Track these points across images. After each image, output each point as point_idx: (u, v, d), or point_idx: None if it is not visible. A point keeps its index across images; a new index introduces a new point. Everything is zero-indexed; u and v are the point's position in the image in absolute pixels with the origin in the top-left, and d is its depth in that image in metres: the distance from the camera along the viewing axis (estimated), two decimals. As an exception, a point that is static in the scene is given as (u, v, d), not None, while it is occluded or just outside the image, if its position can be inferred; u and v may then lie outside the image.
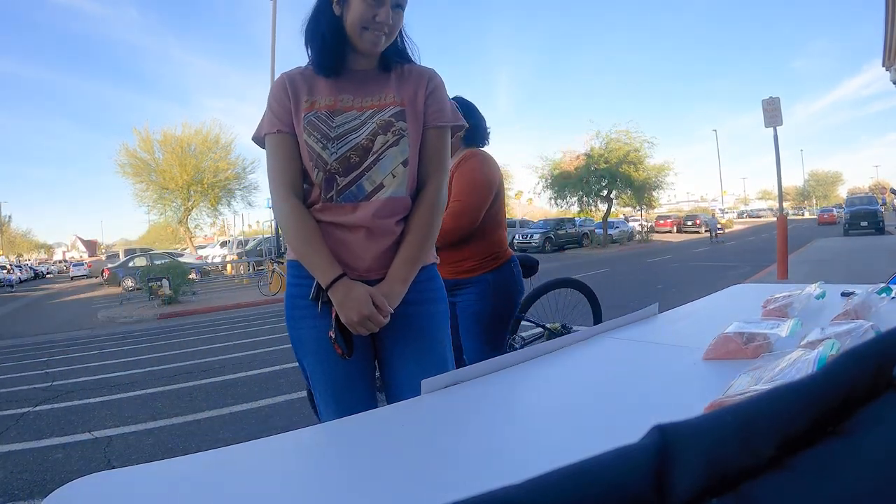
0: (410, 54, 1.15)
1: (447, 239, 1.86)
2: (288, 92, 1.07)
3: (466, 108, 1.95)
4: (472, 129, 1.94)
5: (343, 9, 1.04)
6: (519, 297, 2.00)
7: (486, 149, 1.97)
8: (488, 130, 2.04)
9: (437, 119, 1.11)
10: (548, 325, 2.73)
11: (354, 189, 1.05)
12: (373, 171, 1.05)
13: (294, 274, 1.10)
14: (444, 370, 0.84)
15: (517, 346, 2.56)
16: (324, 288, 1.01)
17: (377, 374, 1.16)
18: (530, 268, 2.56)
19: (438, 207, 1.10)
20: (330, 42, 1.06)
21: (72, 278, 28.68)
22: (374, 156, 1.05)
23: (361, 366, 1.09)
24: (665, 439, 0.19)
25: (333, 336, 1.01)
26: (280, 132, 1.07)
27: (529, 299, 2.70)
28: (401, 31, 1.11)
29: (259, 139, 1.12)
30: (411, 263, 1.06)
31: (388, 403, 1.11)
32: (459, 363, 1.92)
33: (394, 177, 1.06)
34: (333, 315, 1.02)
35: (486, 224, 1.89)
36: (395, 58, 1.12)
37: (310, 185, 1.09)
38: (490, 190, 1.86)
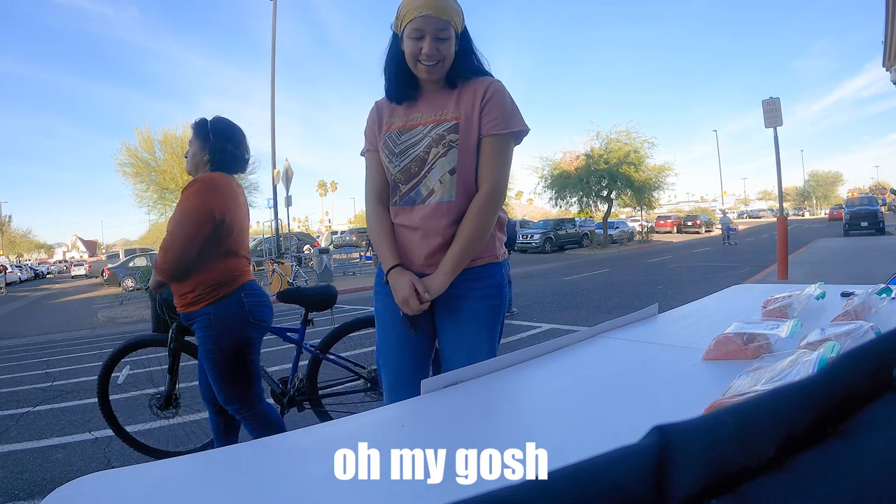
0: (484, 68, 1.29)
1: (162, 273, 1.79)
2: (375, 118, 1.33)
3: (218, 132, 1.85)
4: (218, 153, 1.84)
5: (403, 46, 1.24)
6: (249, 329, 1.85)
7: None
8: (246, 157, 1.92)
9: (490, 128, 1.23)
10: (362, 372, 2.38)
11: (413, 194, 1.25)
12: (427, 178, 1.23)
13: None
14: (476, 359, 0.90)
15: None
16: (385, 274, 1.25)
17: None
18: (324, 301, 2.27)
19: (486, 211, 1.23)
20: (393, 75, 1.27)
21: (73, 277, 28.72)
22: (428, 166, 1.23)
23: (418, 341, 1.30)
24: (665, 439, 0.19)
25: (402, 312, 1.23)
26: (369, 151, 1.34)
27: (331, 338, 2.36)
28: (473, 51, 1.27)
29: (362, 156, 1.39)
30: (455, 259, 1.22)
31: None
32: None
33: (441, 183, 1.23)
34: None
35: (209, 255, 1.78)
36: (466, 74, 1.27)
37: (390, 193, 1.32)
38: (201, 218, 1.71)
